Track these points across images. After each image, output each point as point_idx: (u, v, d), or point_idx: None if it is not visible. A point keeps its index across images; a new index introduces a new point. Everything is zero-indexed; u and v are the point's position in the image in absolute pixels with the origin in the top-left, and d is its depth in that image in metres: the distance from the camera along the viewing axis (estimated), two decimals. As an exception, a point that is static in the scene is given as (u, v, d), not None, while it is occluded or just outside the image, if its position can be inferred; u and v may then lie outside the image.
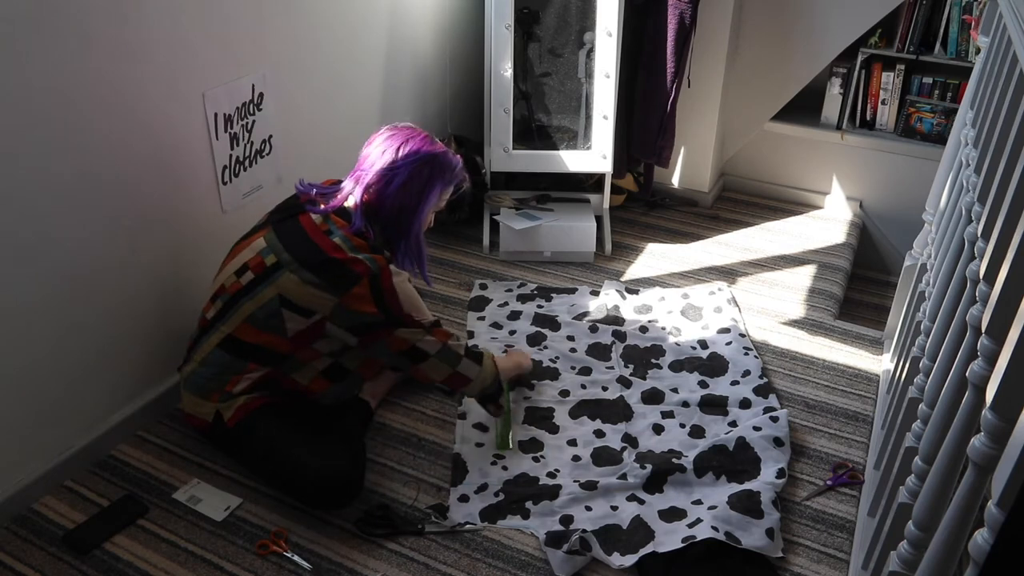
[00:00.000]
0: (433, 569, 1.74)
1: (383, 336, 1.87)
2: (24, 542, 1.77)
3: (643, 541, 1.79)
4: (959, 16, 3.06)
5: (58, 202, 1.76)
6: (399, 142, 1.91)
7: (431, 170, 1.91)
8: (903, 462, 1.62)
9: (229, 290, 1.89)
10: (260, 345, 1.87)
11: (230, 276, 1.90)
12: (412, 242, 1.97)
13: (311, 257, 1.82)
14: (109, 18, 1.75)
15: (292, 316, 1.84)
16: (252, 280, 1.86)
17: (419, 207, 1.93)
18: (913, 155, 3.28)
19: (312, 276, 1.81)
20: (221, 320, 1.90)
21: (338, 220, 1.88)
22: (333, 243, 1.84)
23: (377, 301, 1.83)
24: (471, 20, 3.12)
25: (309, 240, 1.85)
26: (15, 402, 1.78)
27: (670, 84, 3.00)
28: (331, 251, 1.82)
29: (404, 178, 1.89)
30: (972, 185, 1.58)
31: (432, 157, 1.92)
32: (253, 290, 1.86)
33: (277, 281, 1.83)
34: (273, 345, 1.87)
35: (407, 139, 1.92)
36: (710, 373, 2.37)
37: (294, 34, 2.30)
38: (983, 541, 0.94)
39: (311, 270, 1.81)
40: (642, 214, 3.38)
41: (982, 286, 1.25)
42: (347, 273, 1.81)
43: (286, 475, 1.86)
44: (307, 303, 1.82)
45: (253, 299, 1.85)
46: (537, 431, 2.14)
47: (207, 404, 1.92)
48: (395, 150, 1.90)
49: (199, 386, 1.92)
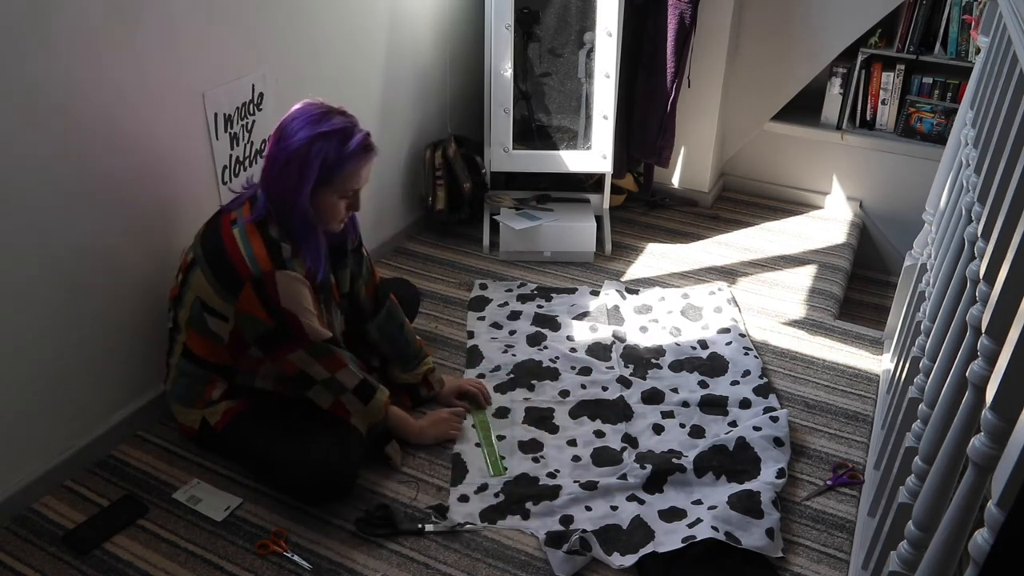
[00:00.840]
0: (433, 569, 1.74)
1: (278, 356, 1.80)
2: (24, 542, 1.77)
3: (643, 541, 1.79)
4: (959, 16, 3.06)
5: (58, 202, 1.76)
6: (287, 120, 1.78)
7: (308, 148, 1.74)
8: (903, 462, 1.62)
9: (172, 294, 1.90)
10: (207, 358, 1.86)
11: (174, 280, 1.90)
12: (301, 230, 1.81)
13: (211, 251, 1.79)
14: (109, 18, 1.75)
15: (213, 319, 1.81)
16: (181, 281, 1.86)
17: (297, 188, 1.76)
18: (913, 155, 3.28)
19: (211, 274, 1.78)
20: (176, 331, 1.90)
21: (246, 208, 1.82)
22: (231, 235, 1.78)
23: (265, 306, 1.76)
24: (471, 20, 3.12)
25: (217, 232, 1.81)
26: (16, 402, 1.78)
27: (670, 84, 3.00)
28: (226, 244, 1.77)
29: (284, 158, 1.75)
30: (972, 185, 1.58)
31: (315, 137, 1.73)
32: (183, 294, 1.85)
33: (192, 282, 1.82)
34: (218, 356, 1.86)
35: (295, 116, 1.77)
36: (710, 373, 2.37)
37: (294, 34, 2.30)
38: (983, 541, 0.94)
39: (211, 266, 1.78)
40: (642, 214, 3.38)
41: (982, 286, 1.25)
42: (234, 275, 1.76)
43: (278, 472, 1.86)
44: (217, 306, 1.80)
45: (184, 304, 1.84)
46: (537, 431, 2.14)
47: (192, 412, 1.93)
48: (277, 131, 1.78)
49: (180, 396, 1.94)
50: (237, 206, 1.85)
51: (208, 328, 1.84)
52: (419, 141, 3.05)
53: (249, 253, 1.76)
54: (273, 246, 1.78)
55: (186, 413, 1.95)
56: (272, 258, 1.77)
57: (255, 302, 1.76)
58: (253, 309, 1.77)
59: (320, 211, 1.82)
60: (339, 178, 1.78)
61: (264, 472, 1.91)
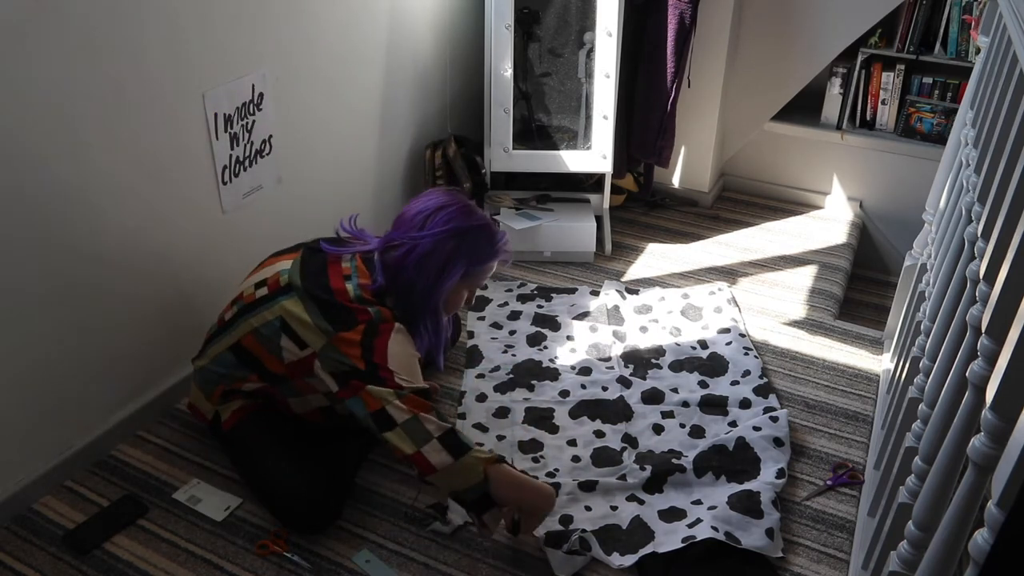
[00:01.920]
0: (433, 569, 1.74)
1: (358, 390, 1.68)
2: (24, 542, 1.77)
3: (643, 541, 1.79)
4: (959, 16, 3.06)
5: (57, 202, 1.76)
6: (433, 207, 1.78)
7: (457, 245, 1.77)
8: (903, 462, 1.62)
9: (245, 299, 1.86)
10: (261, 361, 1.84)
11: (250, 286, 1.87)
12: (427, 322, 1.84)
13: (320, 293, 1.75)
14: (109, 18, 1.75)
15: (288, 343, 1.77)
16: (264, 296, 1.82)
17: (436, 285, 1.78)
18: (913, 155, 3.28)
19: (314, 308, 1.74)
20: (233, 325, 1.87)
21: (362, 269, 1.80)
22: (345, 288, 1.75)
23: (364, 348, 1.70)
24: (471, 20, 3.12)
25: (325, 276, 1.78)
26: (15, 402, 1.78)
27: (670, 84, 3.00)
28: (340, 295, 1.75)
29: (424, 250, 1.76)
30: (972, 185, 1.58)
31: (463, 231, 1.76)
32: (261, 306, 1.81)
33: (283, 303, 1.77)
34: (273, 365, 1.82)
35: (442, 206, 1.78)
36: (710, 373, 2.37)
37: (294, 34, 2.30)
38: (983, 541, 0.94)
39: (316, 303, 1.74)
40: (642, 214, 3.38)
41: (982, 286, 1.25)
42: (348, 316, 1.72)
43: (264, 489, 1.85)
44: (303, 333, 1.75)
45: (259, 315, 1.81)
46: (537, 431, 2.14)
47: (208, 403, 1.93)
48: (427, 215, 1.77)
49: (205, 381, 1.93)
50: (348, 257, 1.81)
51: (276, 344, 1.79)
52: (419, 141, 3.05)
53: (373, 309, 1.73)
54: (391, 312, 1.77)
55: (203, 400, 1.94)
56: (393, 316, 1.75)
57: (355, 345, 1.70)
58: (349, 348, 1.70)
59: (447, 303, 1.85)
60: (476, 273, 1.83)
61: (251, 483, 1.90)
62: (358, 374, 1.69)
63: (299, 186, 2.44)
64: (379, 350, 1.70)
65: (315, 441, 1.93)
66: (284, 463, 1.83)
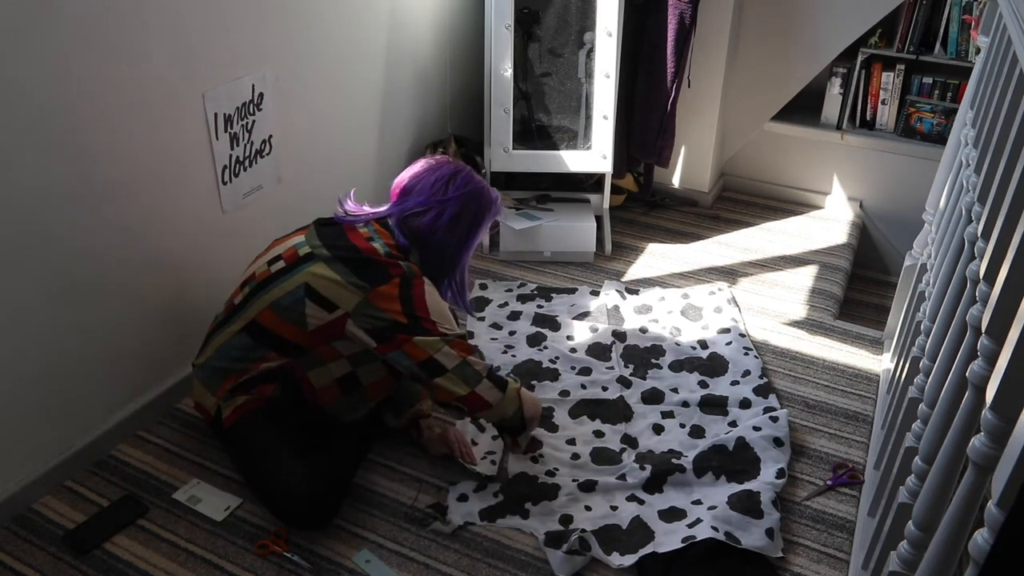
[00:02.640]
0: (433, 569, 1.74)
1: (403, 343, 1.77)
2: (24, 542, 1.77)
3: (643, 541, 1.79)
4: (959, 16, 3.06)
5: (58, 202, 1.76)
6: (448, 173, 1.89)
7: (479, 204, 1.90)
8: (903, 462, 1.62)
9: (259, 277, 1.87)
10: (281, 335, 1.83)
11: (262, 265, 1.89)
12: (457, 277, 1.95)
13: (347, 253, 1.81)
14: (109, 18, 1.75)
15: (314, 308, 1.79)
16: (282, 268, 1.84)
17: (468, 241, 1.92)
18: (913, 155, 3.28)
19: (344, 268, 1.78)
20: (245, 306, 1.87)
21: (380, 230, 1.87)
22: (372, 247, 1.82)
23: (404, 302, 1.77)
24: (471, 20, 3.12)
25: (347, 239, 1.84)
26: (15, 402, 1.78)
27: (670, 84, 3.00)
28: (368, 251, 1.81)
29: (455, 211, 1.87)
30: (972, 185, 1.58)
31: (481, 192, 1.90)
32: (280, 278, 1.83)
33: (308, 269, 1.80)
34: (293, 336, 1.83)
35: (456, 171, 1.90)
36: (710, 373, 2.37)
37: (294, 34, 2.30)
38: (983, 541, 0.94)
39: (344, 263, 1.79)
40: (642, 214, 3.38)
41: (982, 286, 1.25)
42: (380, 271, 1.78)
43: (264, 486, 1.85)
44: (332, 295, 1.78)
45: (280, 286, 1.82)
46: (537, 430, 2.14)
47: (212, 398, 1.91)
48: (446, 181, 1.88)
49: (211, 376, 1.90)
50: (362, 223, 1.88)
51: (299, 313, 1.80)
52: (419, 141, 3.05)
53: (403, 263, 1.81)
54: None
55: (206, 396, 1.92)
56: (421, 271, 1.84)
57: (394, 299, 1.77)
58: (388, 303, 1.76)
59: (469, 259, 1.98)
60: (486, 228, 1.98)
61: (251, 481, 1.90)
62: (401, 328, 1.77)
63: (299, 186, 2.44)
64: (419, 302, 1.79)
65: (315, 439, 1.93)
66: (284, 459, 1.83)
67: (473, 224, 1.91)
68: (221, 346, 1.90)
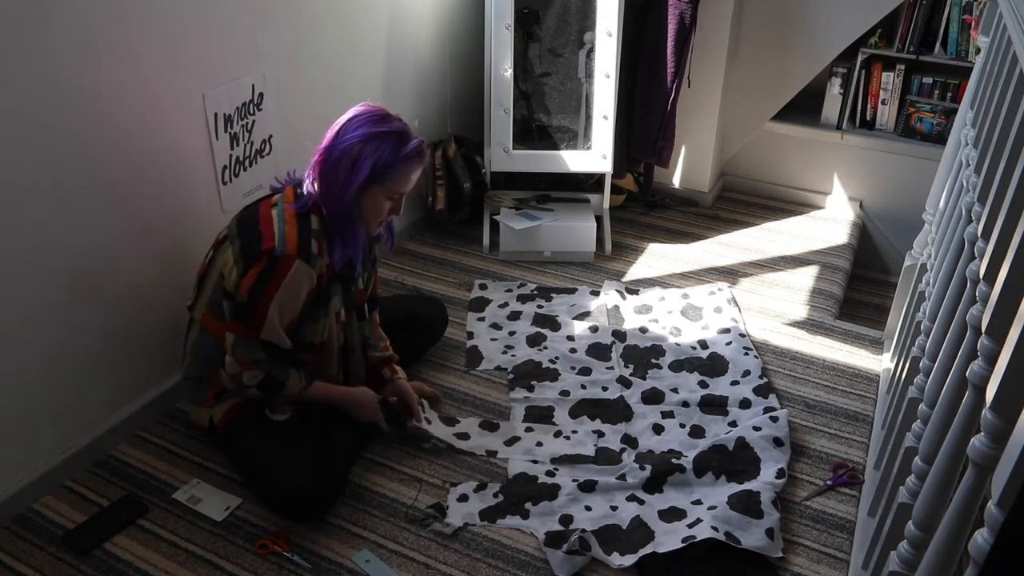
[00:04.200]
0: (433, 569, 1.74)
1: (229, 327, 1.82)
2: (24, 542, 1.77)
3: (643, 541, 1.79)
4: (959, 16, 3.06)
5: (58, 203, 1.76)
6: (346, 119, 1.82)
7: (362, 148, 1.78)
8: (903, 462, 1.62)
9: (200, 273, 1.91)
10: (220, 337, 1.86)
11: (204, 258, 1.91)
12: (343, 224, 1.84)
13: (245, 226, 1.82)
14: (109, 18, 1.75)
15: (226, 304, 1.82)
16: (210, 258, 1.88)
17: (345, 187, 1.79)
18: (913, 155, 3.28)
19: (239, 247, 1.80)
20: (194, 308, 1.92)
21: (288, 195, 1.85)
22: (269, 215, 1.81)
23: (258, 281, 1.76)
24: (471, 20, 3.12)
25: (255, 213, 1.84)
26: (15, 402, 1.78)
27: (670, 84, 3.00)
28: (262, 223, 1.80)
29: (336, 156, 1.79)
30: (972, 185, 1.58)
31: (370, 136, 1.78)
32: (208, 269, 1.88)
33: (218, 258, 1.84)
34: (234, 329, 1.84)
35: (355, 115, 1.82)
36: (710, 373, 2.37)
37: (294, 34, 2.30)
38: (983, 541, 0.94)
39: (240, 238, 1.80)
40: (642, 214, 3.38)
41: (982, 286, 1.25)
42: (257, 247, 1.77)
43: (259, 483, 1.86)
44: (230, 286, 1.80)
45: (209, 280, 1.87)
46: (537, 431, 2.13)
47: (202, 411, 1.94)
48: (339, 127, 1.81)
49: (193, 390, 1.95)
50: (278, 193, 1.88)
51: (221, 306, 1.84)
52: (419, 141, 3.04)
53: (281, 232, 1.78)
54: (305, 236, 1.80)
55: (197, 411, 1.96)
56: (301, 247, 1.78)
57: (254, 277, 1.76)
58: (247, 281, 1.76)
59: (366, 209, 1.85)
60: (390, 178, 1.82)
61: (247, 478, 1.92)
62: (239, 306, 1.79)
63: (299, 186, 2.44)
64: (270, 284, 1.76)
65: (308, 432, 1.94)
66: (277, 453, 1.84)
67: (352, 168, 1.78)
68: (191, 350, 1.93)
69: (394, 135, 1.80)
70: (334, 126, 1.82)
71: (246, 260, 1.78)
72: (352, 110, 1.83)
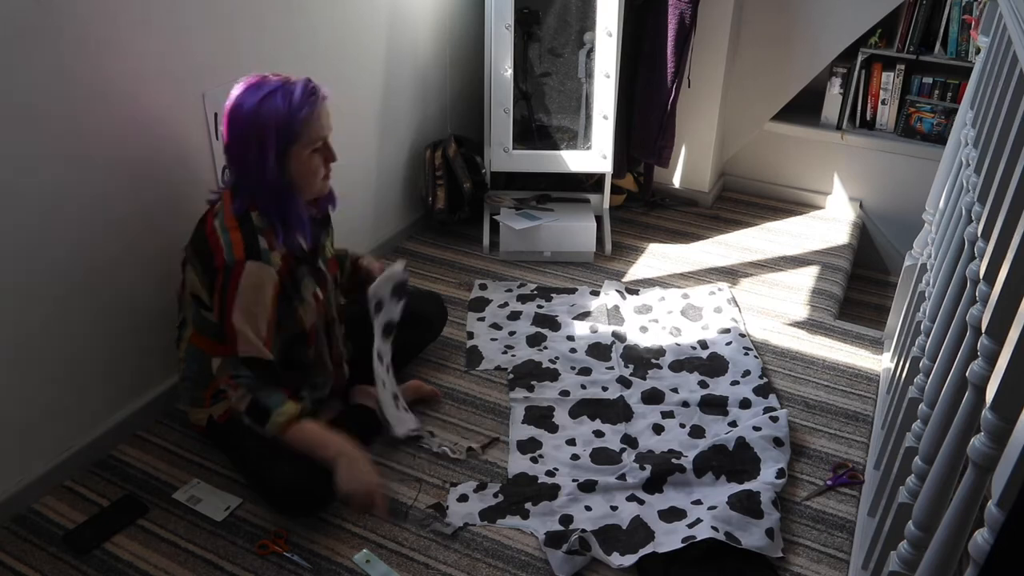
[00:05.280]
0: (433, 569, 1.74)
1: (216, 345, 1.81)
2: (24, 542, 1.77)
3: (643, 541, 1.79)
4: (959, 16, 3.06)
5: (58, 203, 1.76)
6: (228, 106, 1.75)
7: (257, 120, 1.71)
8: (903, 462, 1.62)
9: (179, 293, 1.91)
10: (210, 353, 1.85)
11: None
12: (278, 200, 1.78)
13: (197, 245, 1.81)
14: (109, 18, 1.75)
15: (209, 314, 1.82)
16: (182, 280, 1.88)
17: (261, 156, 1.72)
18: (913, 155, 3.28)
19: (200, 267, 1.79)
20: (183, 324, 1.92)
21: (226, 200, 1.80)
22: (213, 227, 1.77)
23: (221, 295, 1.74)
24: (471, 20, 3.12)
25: (202, 229, 1.81)
26: (15, 402, 1.78)
27: (670, 84, 3.00)
28: (208, 238, 1.77)
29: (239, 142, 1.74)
30: (972, 185, 1.58)
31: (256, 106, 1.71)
32: (184, 290, 1.87)
33: (187, 278, 1.84)
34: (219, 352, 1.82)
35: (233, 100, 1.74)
36: (710, 373, 2.37)
37: (294, 34, 2.30)
38: (983, 541, 0.94)
39: (199, 259, 1.79)
40: (642, 214, 3.38)
41: (982, 286, 1.25)
42: (213, 266, 1.75)
43: (256, 479, 1.87)
44: (207, 300, 1.81)
45: (186, 299, 1.87)
46: (536, 431, 2.14)
47: (200, 411, 1.94)
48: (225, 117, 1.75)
49: (190, 394, 1.95)
50: (218, 199, 1.85)
51: (206, 323, 1.84)
52: (419, 141, 3.05)
53: (227, 242, 1.75)
54: (250, 236, 1.76)
55: (195, 413, 1.95)
56: (247, 248, 1.74)
57: (218, 295, 1.75)
58: (215, 301, 1.76)
59: (298, 174, 1.77)
60: (301, 130, 1.73)
61: (245, 474, 1.92)
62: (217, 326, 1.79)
63: (299, 186, 2.44)
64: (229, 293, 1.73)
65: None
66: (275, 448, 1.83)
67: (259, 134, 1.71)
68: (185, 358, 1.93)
69: (278, 91, 1.73)
70: (223, 117, 1.77)
71: (209, 280, 1.78)
72: (230, 95, 1.77)
